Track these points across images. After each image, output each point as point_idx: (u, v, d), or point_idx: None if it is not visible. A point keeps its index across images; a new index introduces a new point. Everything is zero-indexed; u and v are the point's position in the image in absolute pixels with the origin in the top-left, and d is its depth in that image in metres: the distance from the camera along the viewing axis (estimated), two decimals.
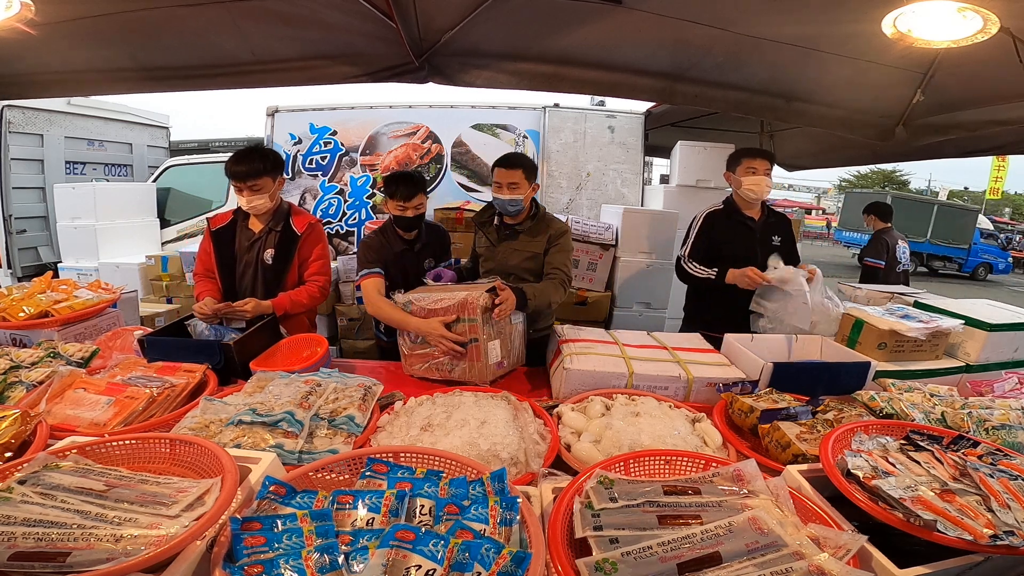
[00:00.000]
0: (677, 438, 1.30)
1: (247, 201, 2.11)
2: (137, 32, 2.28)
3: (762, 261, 2.31)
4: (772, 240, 2.37)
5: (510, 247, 2.17)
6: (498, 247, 2.20)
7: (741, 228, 2.37)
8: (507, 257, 2.18)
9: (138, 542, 0.74)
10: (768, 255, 2.35)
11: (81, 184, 5.10)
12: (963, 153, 3.60)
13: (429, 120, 4.82)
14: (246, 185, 2.07)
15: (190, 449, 1.02)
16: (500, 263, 2.19)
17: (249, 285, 2.21)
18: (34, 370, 1.49)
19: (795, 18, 2.05)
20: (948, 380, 1.82)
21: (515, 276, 2.17)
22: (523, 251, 2.17)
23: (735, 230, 2.37)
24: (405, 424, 1.35)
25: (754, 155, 2.34)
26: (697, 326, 2.26)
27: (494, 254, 2.21)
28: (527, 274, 2.18)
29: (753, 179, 2.30)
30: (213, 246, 2.22)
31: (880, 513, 0.91)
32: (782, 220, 2.49)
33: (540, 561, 0.77)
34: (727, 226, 2.38)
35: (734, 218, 2.38)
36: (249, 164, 2.07)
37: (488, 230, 2.23)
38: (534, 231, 2.17)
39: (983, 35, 1.57)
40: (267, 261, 2.20)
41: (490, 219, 2.24)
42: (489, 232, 2.23)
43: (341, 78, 2.57)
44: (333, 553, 0.74)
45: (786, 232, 2.44)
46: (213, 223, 2.27)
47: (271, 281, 2.20)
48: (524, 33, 2.40)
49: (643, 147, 4.76)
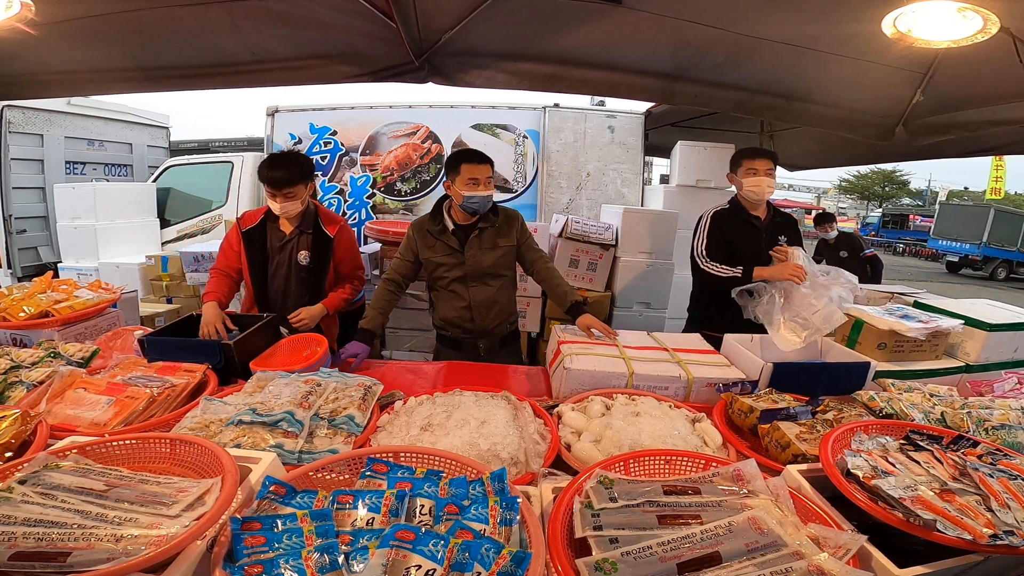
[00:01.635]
0: (677, 438, 1.30)
1: (280, 207, 2.10)
2: (137, 32, 2.28)
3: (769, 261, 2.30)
4: (779, 240, 2.35)
5: (481, 248, 2.12)
6: (467, 251, 2.12)
7: (747, 228, 2.36)
8: (480, 258, 2.13)
9: (138, 542, 0.74)
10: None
11: (81, 184, 5.10)
12: (963, 153, 3.60)
13: (429, 120, 4.83)
14: (281, 192, 2.07)
15: (190, 449, 1.02)
16: (473, 265, 2.13)
17: (282, 286, 2.25)
18: (34, 370, 1.49)
19: (795, 18, 2.05)
20: (948, 380, 1.82)
21: (491, 274, 2.16)
22: (498, 248, 2.14)
23: (741, 229, 2.35)
24: (405, 424, 1.35)
25: (754, 155, 2.33)
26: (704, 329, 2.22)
27: (462, 259, 2.12)
28: (502, 269, 2.18)
29: (753, 180, 2.29)
30: (244, 246, 2.21)
31: (880, 513, 0.91)
32: (788, 220, 2.48)
33: (540, 561, 0.77)
34: (734, 225, 2.37)
35: (740, 217, 2.37)
36: (286, 171, 2.06)
37: (445, 237, 2.12)
38: (505, 226, 2.15)
39: (983, 35, 1.57)
40: (301, 262, 2.22)
41: (442, 226, 2.14)
42: (447, 239, 2.13)
43: (341, 78, 2.57)
44: (333, 553, 0.74)
45: (792, 232, 2.42)
46: (244, 223, 2.23)
47: (306, 281, 2.24)
48: (524, 33, 2.40)
49: (643, 147, 4.76)
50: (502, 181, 4.80)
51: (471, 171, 2.00)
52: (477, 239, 2.12)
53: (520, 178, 4.81)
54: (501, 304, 2.22)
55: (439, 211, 2.16)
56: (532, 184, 4.79)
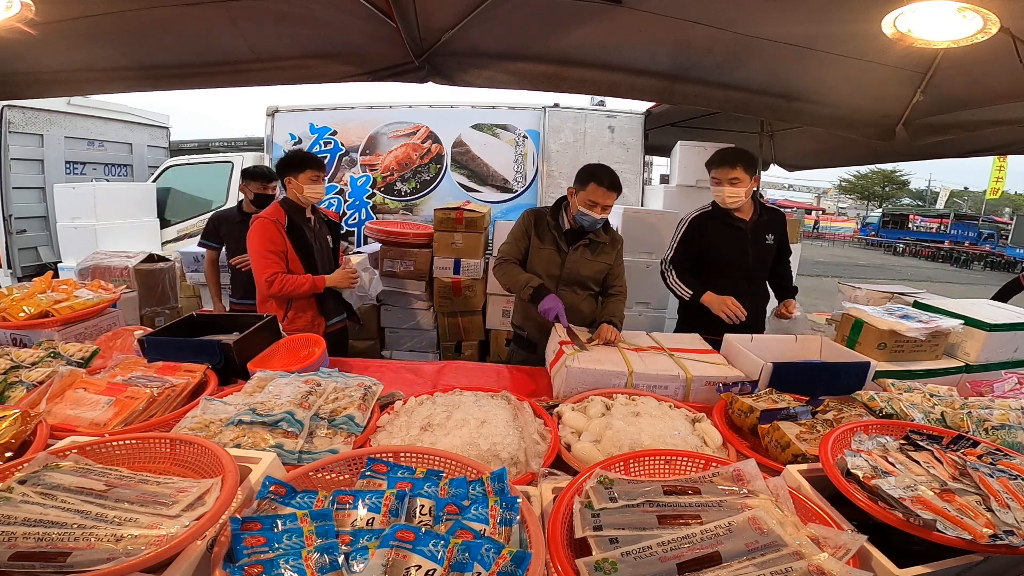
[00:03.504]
0: (677, 438, 1.30)
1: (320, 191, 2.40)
2: (137, 31, 2.28)
3: (754, 263, 2.29)
4: (765, 239, 2.32)
5: (583, 257, 2.18)
6: (570, 254, 2.17)
7: (730, 230, 2.30)
8: (579, 266, 2.18)
9: (138, 542, 0.74)
10: (764, 255, 2.33)
11: (81, 184, 5.10)
12: (963, 153, 3.60)
13: (429, 120, 4.82)
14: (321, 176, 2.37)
15: (190, 449, 1.02)
16: (571, 270, 2.18)
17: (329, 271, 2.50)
18: (34, 370, 1.49)
19: (795, 18, 2.05)
20: (948, 380, 1.82)
21: (582, 284, 2.22)
22: (597, 262, 2.21)
23: (724, 233, 2.30)
24: (405, 424, 1.35)
25: (712, 164, 2.26)
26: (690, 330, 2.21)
27: (563, 260, 2.18)
28: (592, 283, 2.25)
29: (715, 189, 2.25)
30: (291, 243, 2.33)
31: (880, 513, 0.91)
32: (776, 217, 2.41)
33: (540, 561, 0.77)
34: (716, 229, 2.31)
35: (723, 220, 2.31)
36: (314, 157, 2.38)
37: (558, 234, 2.18)
38: (609, 246, 2.22)
39: (983, 35, 1.57)
40: (330, 245, 2.59)
41: (559, 223, 2.19)
42: (559, 236, 2.18)
43: (341, 77, 2.57)
44: (333, 553, 0.74)
45: (780, 229, 2.39)
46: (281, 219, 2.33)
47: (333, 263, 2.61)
48: (524, 33, 2.40)
49: (643, 147, 4.76)
50: (502, 181, 4.81)
51: (596, 194, 2.04)
52: (583, 248, 2.18)
53: (520, 178, 4.81)
54: (583, 314, 2.23)
55: (559, 208, 2.23)
56: (532, 184, 4.79)
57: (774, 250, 2.37)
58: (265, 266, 2.26)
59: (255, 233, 2.30)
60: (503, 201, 4.80)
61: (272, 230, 2.29)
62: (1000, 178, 20.78)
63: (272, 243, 2.28)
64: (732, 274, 2.30)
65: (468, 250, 3.81)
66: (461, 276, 3.87)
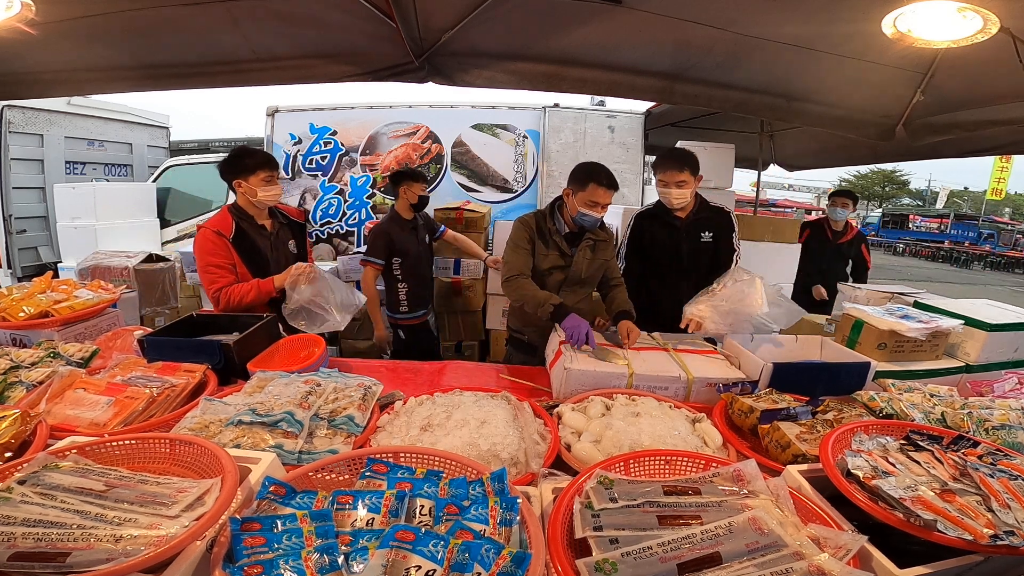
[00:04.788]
0: (677, 438, 1.30)
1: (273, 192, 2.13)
2: (137, 31, 2.28)
3: (688, 259, 2.34)
4: (701, 236, 2.35)
5: (585, 257, 2.18)
6: (574, 256, 2.17)
7: (666, 228, 2.37)
8: (582, 266, 2.18)
9: (138, 542, 0.74)
10: (699, 252, 2.36)
11: (81, 184, 5.09)
12: (963, 153, 3.60)
13: (429, 120, 4.82)
14: (275, 175, 2.12)
15: (190, 449, 1.02)
16: (575, 272, 2.18)
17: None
18: (34, 370, 1.49)
19: (795, 18, 2.05)
20: (948, 380, 1.82)
21: (584, 283, 2.23)
22: (598, 260, 2.21)
23: (659, 231, 2.38)
24: (405, 424, 1.35)
25: (665, 168, 2.26)
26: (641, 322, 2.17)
27: (568, 263, 2.17)
28: (593, 282, 2.27)
29: (664, 191, 2.28)
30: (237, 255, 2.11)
31: (880, 513, 0.91)
32: (717, 215, 2.39)
33: (540, 561, 0.77)
34: (652, 227, 2.40)
35: (660, 219, 2.38)
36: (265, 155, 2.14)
37: (557, 239, 2.15)
38: (607, 240, 2.24)
39: (983, 35, 1.57)
40: (292, 251, 2.33)
41: (556, 227, 2.17)
42: (559, 241, 2.15)
43: (341, 77, 2.57)
44: (333, 553, 0.74)
45: (720, 227, 2.37)
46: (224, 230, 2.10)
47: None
48: (524, 33, 2.40)
49: (643, 147, 4.75)
50: (502, 181, 4.80)
51: (596, 194, 2.03)
52: (585, 248, 2.18)
53: (520, 178, 4.81)
54: (583, 313, 2.17)
55: (553, 211, 2.21)
56: (532, 184, 4.79)
57: (712, 247, 2.37)
58: (210, 281, 2.07)
59: (196, 246, 2.11)
60: (503, 201, 4.79)
61: (214, 242, 2.08)
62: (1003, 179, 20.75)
63: (215, 256, 2.07)
64: (668, 271, 2.38)
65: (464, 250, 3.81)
66: (461, 276, 3.87)
